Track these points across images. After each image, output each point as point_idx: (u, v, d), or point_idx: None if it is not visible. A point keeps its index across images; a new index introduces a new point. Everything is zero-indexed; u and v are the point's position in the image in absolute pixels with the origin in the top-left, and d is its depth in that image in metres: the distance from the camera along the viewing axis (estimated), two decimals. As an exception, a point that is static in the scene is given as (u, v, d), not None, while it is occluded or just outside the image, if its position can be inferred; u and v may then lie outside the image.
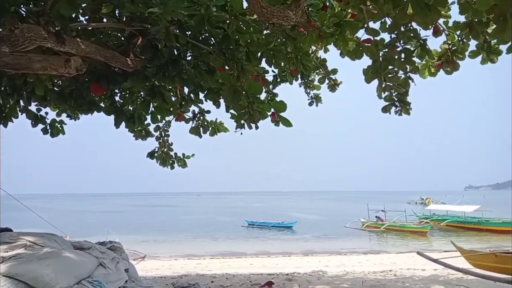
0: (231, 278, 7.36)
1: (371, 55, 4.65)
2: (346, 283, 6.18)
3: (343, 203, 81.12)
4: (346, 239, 24.56)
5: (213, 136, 6.60)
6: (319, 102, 7.41)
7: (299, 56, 4.78)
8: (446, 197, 60.41)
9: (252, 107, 4.09)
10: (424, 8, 2.77)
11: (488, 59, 5.21)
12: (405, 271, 9.14)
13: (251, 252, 18.79)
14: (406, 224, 28.12)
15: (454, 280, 6.58)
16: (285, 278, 6.88)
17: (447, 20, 4.94)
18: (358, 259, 15.30)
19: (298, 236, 27.09)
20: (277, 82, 6.27)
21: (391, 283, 6.24)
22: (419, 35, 4.43)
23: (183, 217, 45.41)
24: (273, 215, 41.01)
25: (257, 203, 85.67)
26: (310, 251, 19.41)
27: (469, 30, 4.62)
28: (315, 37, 4.37)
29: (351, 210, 45.47)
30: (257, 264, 13.09)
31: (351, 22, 4.24)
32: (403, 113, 5.62)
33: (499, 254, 7.19)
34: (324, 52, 6.31)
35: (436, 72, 5.40)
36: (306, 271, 9.10)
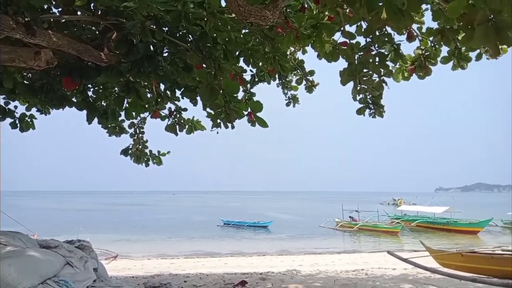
0: (204, 278, 7.31)
1: (347, 57, 4.73)
2: (318, 282, 6.26)
3: (318, 203, 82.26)
4: (321, 239, 24.91)
5: (190, 134, 6.54)
6: (296, 103, 7.47)
7: (276, 56, 4.81)
8: (417, 198, 62.35)
9: (228, 106, 4.08)
10: (398, 13, 2.83)
11: (458, 65, 5.41)
12: (376, 270, 9.35)
13: (226, 251, 18.74)
14: (379, 224, 28.84)
15: (423, 279, 6.80)
16: (259, 277, 6.90)
17: (421, 26, 5.09)
18: (331, 259, 15.53)
19: (273, 235, 27.24)
20: (254, 82, 6.27)
21: (362, 282, 6.38)
22: (393, 39, 4.54)
23: (158, 216, 44.75)
24: (249, 214, 41.03)
25: (233, 203, 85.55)
26: (285, 250, 19.56)
27: (441, 36, 4.77)
28: (292, 38, 4.42)
29: (326, 210, 46.17)
30: (232, 264, 13.07)
31: (328, 25, 4.30)
32: (377, 115, 5.75)
33: (465, 254, 7.47)
34: (302, 53, 6.38)
35: (409, 76, 5.55)
36: (280, 271, 9.15)
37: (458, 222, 29.24)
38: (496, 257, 7.01)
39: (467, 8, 2.71)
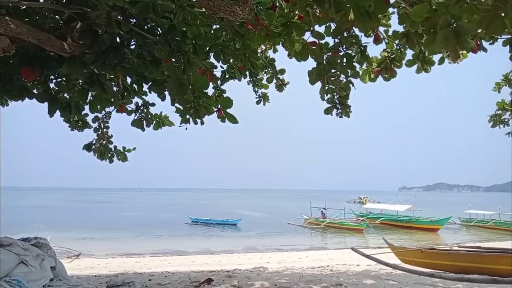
0: (170, 276, 7.20)
1: (316, 57, 4.79)
2: (284, 278, 6.33)
3: (287, 201, 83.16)
4: (289, 236, 25.22)
5: (157, 130, 6.40)
6: (267, 101, 7.50)
7: (247, 53, 4.79)
8: (381, 197, 64.48)
9: (198, 102, 4.03)
10: (365, 14, 2.89)
11: (422, 68, 5.60)
12: (340, 267, 9.59)
13: (193, 250, 18.58)
14: (345, 222, 29.60)
15: (384, 274, 7.03)
16: (226, 275, 6.89)
17: (388, 29, 5.23)
18: (298, 256, 15.77)
19: (242, 233, 27.28)
20: (225, 79, 6.23)
21: (326, 277, 6.51)
22: (360, 41, 4.63)
23: (123, 214, 43.63)
24: (219, 212, 40.86)
25: (203, 200, 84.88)
26: (253, 248, 19.65)
27: (406, 40, 4.92)
28: (263, 35, 4.42)
29: (295, 207, 46.74)
30: (199, 262, 12.97)
31: (298, 24, 4.33)
32: (344, 115, 5.87)
33: (425, 250, 7.79)
34: (273, 52, 6.40)
35: (375, 77, 5.69)
36: (248, 268, 9.18)
37: (419, 220, 30.56)
38: (452, 253, 7.36)
39: (430, 13, 2.81)
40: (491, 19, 2.58)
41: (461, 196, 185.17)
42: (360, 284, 5.74)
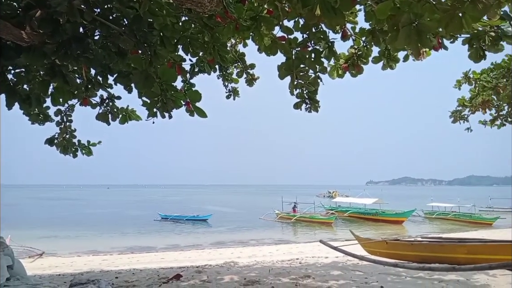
0: (137, 273, 7.07)
1: (285, 52, 4.81)
2: (254, 272, 6.37)
3: (259, 196, 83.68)
4: (260, 231, 25.40)
5: (124, 124, 6.22)
6: (237, 96, 7.46)
7: (216, 46, 4.74)
8: (350, 191, 66.21)
9: (165, 95, 3.95)
10: (331, 10, 2.93)
11: (388, 65, 5.75)
12: (309, 259, 9.77)
13: (162, 246, 18.35)
14: (315, 215, 30.20)
15: (351, 266, 7.23)
16: (195, 270, 6.84)
17: (355, 26, 5.33)
18: (269, 250, 15.93)
19: (212, 229, 27.19)
20: (194, 72, 6.14)
21: (295, 270, 6.61)
22: (328, 37, 4.70)
23: (90, 211, 42.34)
24: (188, 208, 40.49)
25: (173, 196, 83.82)
26: (224, 243, 19.66)
27: (372, 37, 5.03)
28: (232, 28, 4.38)
29: (267, 203, 47.09)
30: (168, 258, 12.83)
31: (267, 18, 4.33)
32: (313, 110, 5.95)
33: (390, 242, 8.08)
34: (243, 46, 6.36)
35: (343, 73, 5.80)
36: (218, 263, 9.17)
37: (385, 213, 31.70)
38: (415, 244, 7.68)
39: (393, 11, 2.88)
40: (450, 18, 2.67)
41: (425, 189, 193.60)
42: (327, 275, 5.88)
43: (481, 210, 36.56)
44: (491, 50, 3.80)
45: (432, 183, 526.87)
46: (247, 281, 5.25)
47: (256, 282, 5.16)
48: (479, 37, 3.75)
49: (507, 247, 6.18)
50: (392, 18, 3.11)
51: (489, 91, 7.27)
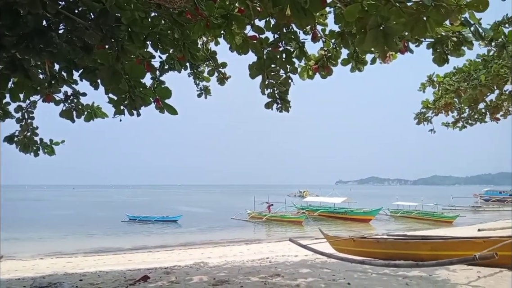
0: (103, 275, 6.85)
1: (256, 51, 4.81)
2: (223, 272, 6.34)
3: (231, 196, 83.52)
4: (231, 230, 25.35)
5: (89, 122, 6.00)
6: (208, 94, 7.39)
7: (186, 43, 4.67)
8: (320, 190, 67.45)
9: (133, 92, 3.85)
10: (300, 11, 2.95)
11: (356, 67, 5.88)
12: (279, 258, 9.84)
13: (130, 247, 17.93)
14: (285, 215, 30.51)
15: (319, 263, 7.34)
16: (163, 271, 6.71)
17: (325, 28, 5.41)
18: (240, 249, 15.93)
19: (182, 229, 26.84)
20: (164, 69, 6.03)
21: (265, 269, 6.64)
22: (298, 37, 4.75)
23: (54, 212, 40.69)
24: (158, 209, 39.76)
25: (142, 197, 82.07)
26: (194, 244, 19.47)
27: (341, 39, 5.12)
28: (203, 26, 4.32)
29: (238, 202, 47.05)
30: (136, 260, 12.55)
31: (238, 17, 4.30)
32: (284, 110, 5.99)
33: (357, 239, 8.29)
34: (215, 44, 6.31)
35: (313, 75, 5.87)
36: (187, 264, 9.06)
37: (354, 211, 32.53)
38: (381, 241, 7.92)
39: (361, 13, 2.93)
40: (415, 22, 2.76)
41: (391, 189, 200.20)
42: (296, 273, 5.94)
43: (444, 209, 38.32)
44: (453, 55, 3.96)
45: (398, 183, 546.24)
46: (216, 281, 5.21)
47: (225, 282, 5.13)
48: (442, 42, 3.90)
49: (467, 243, 6.50)
50: (360, 21, 3.17)
51: (451, 94, 7.59)
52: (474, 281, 5.05)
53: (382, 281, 5.18)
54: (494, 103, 8.13)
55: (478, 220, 30.69)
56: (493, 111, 8.23)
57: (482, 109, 8.44)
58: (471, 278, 5.21)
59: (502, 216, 33.27)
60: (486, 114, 8.46)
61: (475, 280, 5.10)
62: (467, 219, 31.52)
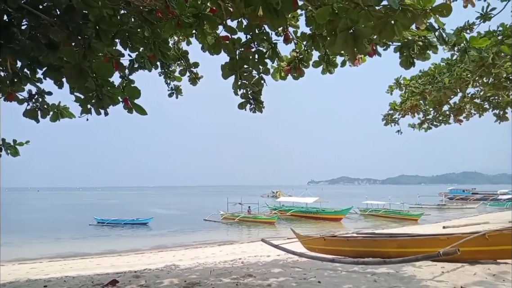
0: (70, 281, 6.59)
1: (229, 52, 4.79)
2: (195, 274, 6.26)
3: (204, 197, 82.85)
4: (203, 232, 25.14)
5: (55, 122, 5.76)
6: (180, 94, 7.29)
7: (157, 42, 4.58)
8: (293, 190, 68.17)
9: (101, 91, 3.74)
10: (272, 12, 2.97)
11: (327, 69, 5.98)
12: (252, 258, 9.86)
13: (98, 251, 17.40)
14: (258, 215, 30.63)
15: (291, 263, 7.41)
16: (133, 275, 6.54)
17: (296, 30, 5.47)
18: (212, 251, 15.82)
19: (153, 232, 26.36)
20: (133, 68, 5.89)
21: (237, 270, 6.62)
22: (271, 38, 4.77)
23: (16, 216, 38.74)
24: (128, 212, 38.82)
25: (111, 199, 79.85)
26: (165, 246, 19.16)
27: (312, 41, 5.19)
28: (174, 24, 4.26)
29: (211, 204, 46.71)
30: (105, 264, 12.19)
31: (210, 16, 4.27)
32: (257, 110, 6.01)
33: (327, 238, 8.42)
34: (187, 44, 6.24)
35: (285, 76, 5.93)
36: (158, 267, 8.89)
37: (325, 211, 33.15)
38: (350, 239, 8.08)
39: (332, 16, 2.99)
40: (383, 25, 2.83)
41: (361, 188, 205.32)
42: (268, 273, 5.96)
43: (411, 207, 39.77)
44: (419, 58, 4.11)
45: (367, 182, 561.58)
46: (188, 284, 5.14)
47: (196, 284, 5.07)
48: (409, 46, 4.03)
49: (431, 240, 6.76)
50: (330, 24, 3.23)
51: (417, 96, 7.87)
52: (438, 276, 5.26)
53: (351, 279, 5.28)
54: (457, 105, 8.50)
55: (443, 217, 32.01)
56: (457, 113, 8.60)
57: (446, 111, 8.81)
58: (436, 273, 5.42)
59: (465, 214, 34.95)
60: (450, 116, 8.83)
61: (439, 275, 5.31)
62: (433, 217, 32.83)
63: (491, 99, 8.36)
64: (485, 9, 7.16)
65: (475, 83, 7.20)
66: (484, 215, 31.69)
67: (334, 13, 2.96)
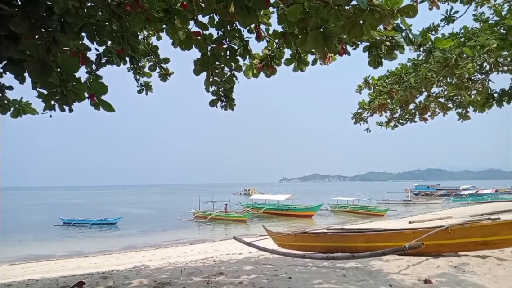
0: (32, 284, 6.30)
1: (200, 48, 4.74)
2: (165, 273, 6.16)
3: (175, 196, 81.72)
4: (174, 231, 24.81)
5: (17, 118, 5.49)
6: (150, 91, 7.13)
7: (125, 36, 4.45)
8: (265, 188, 68.56)
9: (65, 86, 3.60)
10: (244, 9, 2.96)
11: (298, 67, 6.03)
12: (223, 256, 9.83)
13: (64, 253, 16.80)
14: (230, 214, 30.58)
15: (263, 260, 7.45)
16: (100, 276, 6.34)
17: (268, 28, 5.48)
18: (183, 250, 15.64)
19: (122, 232, 25.73)
20: (101, 63, 5.69)
21: (208, 268, 6.57)
22: (243, 35, 4.76)
23: (-25, 217, 36.67)
24: (96, 211, 37.70)
25: (78, 199, 77.25)
26: (134, 246, 18.75)
27: (284, 39, 5.23)
28: (143, 18, 4.16)
29: (183, 202, 46.15)
30: (71, 266, 11.78)
31: (181, 12, 4.20)
32: (228, 108, 5.97)
33: (298, 234, 8.51)
34: (157, 39, 6.11)
35: (258, 73, 5.93)
36: (127, 267, 8.69)
37: (297, 208, 33.61)
38: (321, 235, 8.22)
39: (303, 14, 3.01)
40: (352, 25, 2.89)
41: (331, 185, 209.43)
42: (240, 270, 5.95)
43: (379, 203, 41.05)
44: (386, 58, 4.21)
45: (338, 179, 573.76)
46: (157, 283, 5.05)
47: (167, 284, 4.99)
48: (377, 46, 4.13)
49: (398, 235, 6.99)
50: (301, 22, 3.26)
51: (384, 95, 8.10)
52: (404, 269, 5.45)
53: (321, 274, 5.37)
54: (423, 104, 8.83)
55: (409, 213, 33.24)
56: (422, 112, 8.93)
57: (412, 109, 9.12)
58: (402, 266, 5.61)
59: (430, 209, 36.44)
60: (416, 115, 9.16)
61: (405, 268, 5.50)
62: (399, 212, 34.03)
63: (454, 98, 8.74)
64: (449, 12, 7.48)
65: (439, 83, 7.50)
66: (447, 210, 33.22)
67: (305, 12, 2.98)
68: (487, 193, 47.78)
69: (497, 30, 6.58)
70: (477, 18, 7.53)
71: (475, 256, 6.07)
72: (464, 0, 7.96)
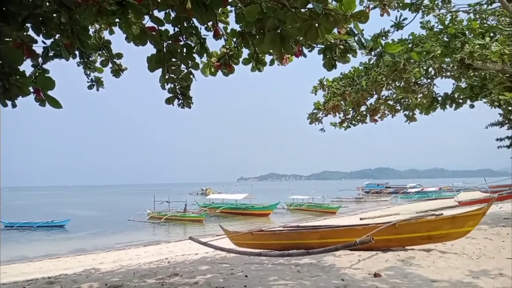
0: (-32, 294, 5.81)
1: (155, 44, 4.62)
2: (117, 276, 5.94)
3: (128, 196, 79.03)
4: (127, 233, 24.00)
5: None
6: (101, 86, 6.82)
7: (75, 29, 4.23)
8: (223, 187, 68.25)
9: (8, 80, 3.37)
10: (201, 5, 2.94)
11: (256, 67, 6.07)
12: (179, 257, 9.66)
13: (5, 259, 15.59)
14: (186, 214, 30.14)
15: (219, 259, 7.42)
16: (46, 281, 5.97)
17: (227, 26, 5.46)
18: (136, 252, 15.18)
19: (70, 235, 24.45)
20: (48, 56, 5.36)
21: (163, 270, 6.43)
22: (200, 33, 4.71)
23: None
24: (42, 213, 35.47)
25: (20, 200, 72.20)
26: (83, 250, 17.89)
27: (242, 39, 5.24)
28: (94, 11, 3.98)
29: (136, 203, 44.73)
30: (13, 272, 10.99)
31: (135, 5, 4.06)
32: (185, 106, 5.87)
33: (255, 233, 8.59)
34: (110, 33, 5.86)
35: (216, 72, 5.88)
36: (76, 271, 8.27)
37: (254, 207, 33.88)
38: (277, 233, 8.35)
39: (260, 14, 3.04)
40: (308, 27, 2.96)
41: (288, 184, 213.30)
42: (195, 271, 5.89)
43: (332, 201, 42.50)
44: (340, 61, 4.37)
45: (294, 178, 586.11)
46: (108, 287, 4.85)
47: (118, 287, 4.81)
48: (331, 48, 4.27)
49: (349, 231, 7.28)
50: (259, 22, 3.29)
51: (338, 97, 8.40)
52: (355, 264, 5.68)
53: (276, 271, 5.46)
54: (373, 106, 9.27)
55: (360, 210, 34.71)
56: (372, 113, 9.38)
57: (364, 111, 9.54)
58: (353, 261, 5.85)
59: (379, 206, 38.25)
60: (367, 116, 9.59)
61: (356, 263, 5.74)
62: (351, 209, 35.44)
63: (402, 101, 9.27)
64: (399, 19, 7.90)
65: (388, 86, 7.91)
66: (395, 206, 35.05)
67: (263, 12, 3.01)
68: (432, 191, 50.90)
69: (441, 38, 7.06)
70: (423, 25, 8.03)
71: (420, 249, 6.47)
72: (412, 8, 8.47)
